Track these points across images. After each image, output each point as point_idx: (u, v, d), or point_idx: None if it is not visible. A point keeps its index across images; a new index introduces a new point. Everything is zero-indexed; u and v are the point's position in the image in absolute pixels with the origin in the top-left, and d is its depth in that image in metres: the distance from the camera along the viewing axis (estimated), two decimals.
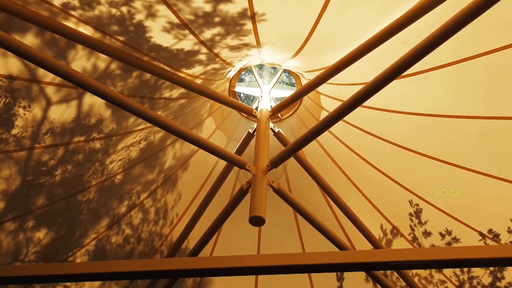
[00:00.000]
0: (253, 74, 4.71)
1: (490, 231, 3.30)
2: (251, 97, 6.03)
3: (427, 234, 3.68)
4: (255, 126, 3.26)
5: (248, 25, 2.70)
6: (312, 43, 2.97)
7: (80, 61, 2.74)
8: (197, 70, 3.32)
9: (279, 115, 4.61)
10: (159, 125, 2.49)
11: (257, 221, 2.36)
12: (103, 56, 2.77)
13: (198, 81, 3.50)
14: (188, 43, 2.86)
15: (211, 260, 1.85)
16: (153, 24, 2.61)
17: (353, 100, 2.22)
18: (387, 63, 2.08)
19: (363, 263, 1.68)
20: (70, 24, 2.44)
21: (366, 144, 3.82)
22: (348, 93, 2.37)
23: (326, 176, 3.50)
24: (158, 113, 2.79)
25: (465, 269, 3.59)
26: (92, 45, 2.48)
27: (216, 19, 2.61)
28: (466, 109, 3.01)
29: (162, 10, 2.49)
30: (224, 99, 3.26)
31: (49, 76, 2.70)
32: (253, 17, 2.61)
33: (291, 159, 3.32)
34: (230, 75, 4.24)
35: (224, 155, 2.75)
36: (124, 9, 2.47)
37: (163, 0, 2.40)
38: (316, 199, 4.29)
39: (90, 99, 3.00)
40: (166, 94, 3.44)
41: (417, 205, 3.65)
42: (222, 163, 3.63)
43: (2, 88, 2.61)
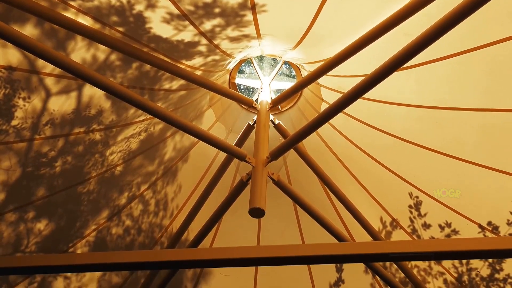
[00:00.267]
0: (253, 66, 4.69)
1: (490, 223, 3.31)
2: (251, 89, 6.01)
3: (427, 226, 3.69)
4: (255, 118, 3.25)
5: (249, 16, 2.68)
6: (313, 35, 2.95)
7: (80, 52, 2.73)
8: (197, 62, 3.31)
9: (279, 107, 4.60)
10: (159, 117, 2.48)
11: (257, 213, 2.36)
12: (103, 47, 2.76)
13: (198, 73, 3.49)
14: (188, 34, 2.84)
15: (211, 251, 1.86)
16: (153, 15, 2.59)
17: (354, 92, 2.22)
18: (388, 55, 2.07)
19: (363, 255, 1.69)
20: (70, 15, 2.42)
21: (366, 136, 3.81)
22: (349, 85, 2.36)
23: (326, 168, 3.50)
24: (158, 105, 2.78)
25: (464, 261, 3.61)
26: (92, 36, 2.47)
27: (216, 10, 2.59)
28: (467, 102, 3.00)
29: (162, 1, 2.47)
30: (224, 91, 3.25)
31: (49, 67, 2.70)
32: (254, 8, 2.59)
33: (291, 151, 3.32)
34: (230, 67, 4.22)
35: (224, 147, 2.75)
36: (124, 0, 2.45)
37: None
38: (316, 191, 4.30)
39: (90, 90, 2.99)
40: (166, 86, 3.43)
41: (417, 197, 3.65)
42: (222, 155, 3.63)
43: (2, 79, 2.60)
